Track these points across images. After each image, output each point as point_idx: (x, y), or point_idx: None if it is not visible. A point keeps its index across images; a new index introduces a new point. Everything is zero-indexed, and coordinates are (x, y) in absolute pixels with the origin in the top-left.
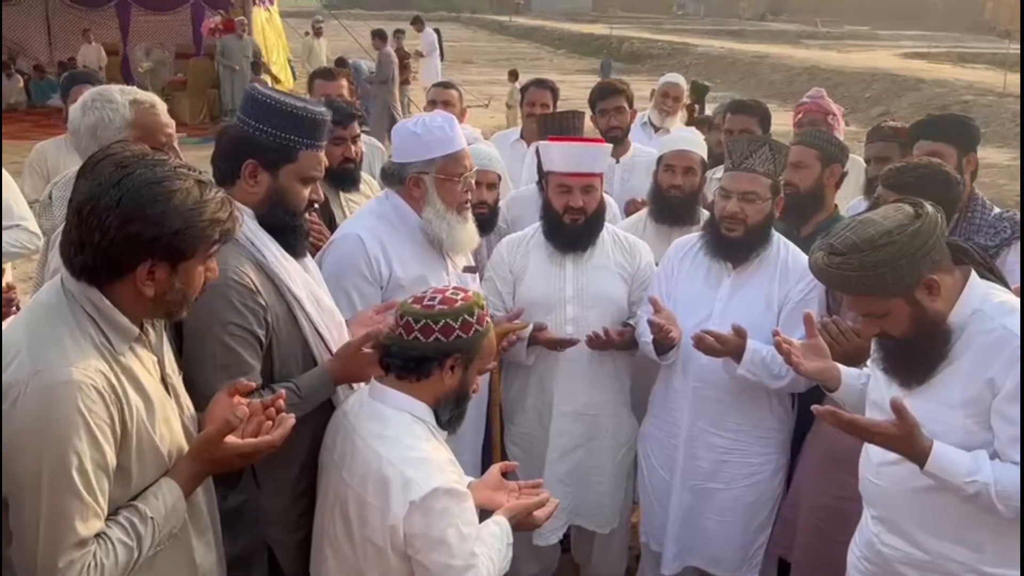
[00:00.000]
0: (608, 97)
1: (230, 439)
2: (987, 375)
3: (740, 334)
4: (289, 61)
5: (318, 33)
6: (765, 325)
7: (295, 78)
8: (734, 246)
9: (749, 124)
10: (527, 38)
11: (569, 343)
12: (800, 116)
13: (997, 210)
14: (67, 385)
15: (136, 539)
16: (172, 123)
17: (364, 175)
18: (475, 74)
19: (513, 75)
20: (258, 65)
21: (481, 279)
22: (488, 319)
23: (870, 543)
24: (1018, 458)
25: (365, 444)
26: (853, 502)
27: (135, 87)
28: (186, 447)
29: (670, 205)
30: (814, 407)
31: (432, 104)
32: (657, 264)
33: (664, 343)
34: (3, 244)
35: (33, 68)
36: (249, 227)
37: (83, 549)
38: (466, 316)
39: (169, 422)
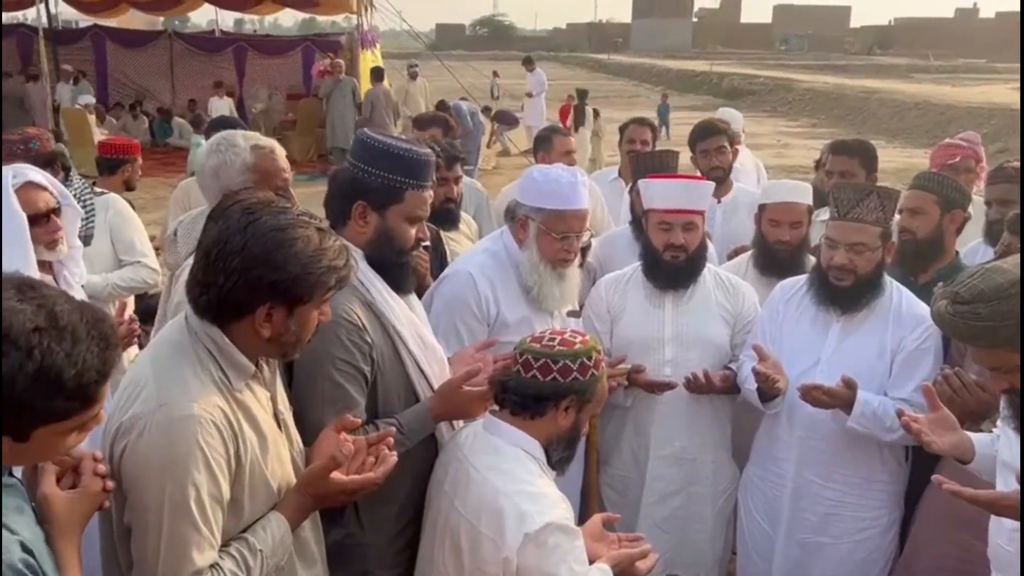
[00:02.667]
0: (709, 137)
1: (336, 475)
2: None
3: (850, 386)
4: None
5: (413, 77)
6: (877, 375)
7: (397, 118)
8: (843, 295)
9: (850, 166)
10: (625, 75)
11: (667, 386)
12: (957, 160)
13: None
14: (189, 420)
15: (246, 570)
16: (288, 168)
17: (463, 214)
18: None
19: (589, 108)
20: (361, 106)
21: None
22: (604, 364)
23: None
24: None
25: (480, 476)
26: (978, 567)
27: (257, 133)
28: (295, 481)
29: (775, 258)
30: (934, 477)
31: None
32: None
33: (769, 392)
34: (124, 279)
35: (157, 110)
36: (359, 267)
37: None
38: (584, 359)
39: (280, 457)
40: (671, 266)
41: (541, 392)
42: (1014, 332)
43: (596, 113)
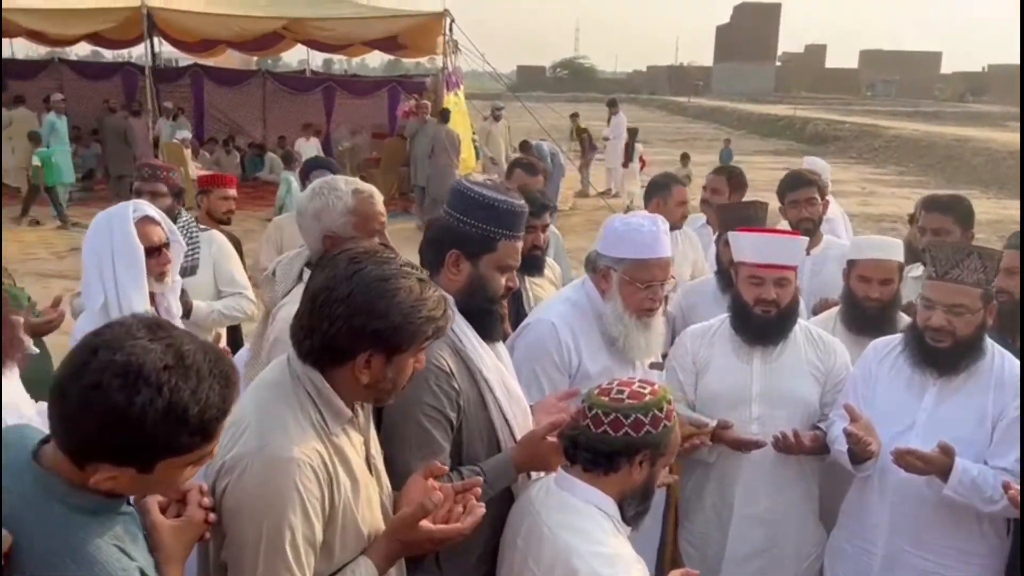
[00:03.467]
0: (799, 188)
1: (424, 523)
2: None
3: (947, 452)
4: (474, 141)
5: (497, 118)
6: (976, 442)
7: (478, 158)
8: (941, 357)
9: (944, 223)
10: (706, 118)
11: (755, 445)
12: None
13: None
14: (288, 462)
15: None
16: (384, 212)
17: (548, 260)
18: (651, 154)
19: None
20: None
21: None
22: (675, 414)
23: None
24: None
25: (553, 534)
26: None
27: (356, 178)
28: (383, 526)
29: (865, 315)
30: None
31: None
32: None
33: (861, 455)
34: (227, 308)
35: (250, 145)
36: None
37: None
38: (655, 411)
39: (371, 501)
40: (761, 321)
41: (613, 448)
42: None
43: (684, 158)
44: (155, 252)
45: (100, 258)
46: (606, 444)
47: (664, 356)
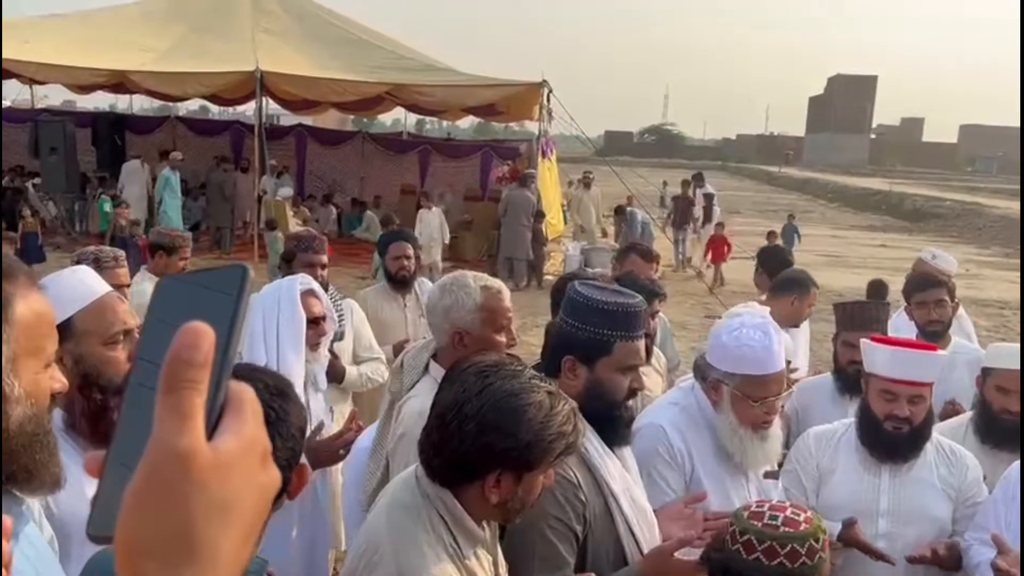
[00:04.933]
0: (928, 289)
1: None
2: None
3: None
4: (563, 206)
5: (587, 185)
6: None
7: (566, 222)
8: None
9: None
10: (797, 189)
11: (884, 559)
12: None
13: None
14: None
15: None
16: (511, 308)
17: (655, 349)
18: (740, 224)
19: (772, 235)
20: (540, 214)
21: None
22: (828, 545)
23: None
24: None
25: None
26: None
27: (485, 274)
28: None
29: (1001, 428)
30: None
31: None
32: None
33: None
34: (373, 371)
35: (352, 200)
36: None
37: None
38: (812, 542)
39: None
40: (892, 437)
41: None
42: None
43: (771, 235)
44: (314, 323)
45: (266, 322)
46: (759, 572)
47: (780, 464)
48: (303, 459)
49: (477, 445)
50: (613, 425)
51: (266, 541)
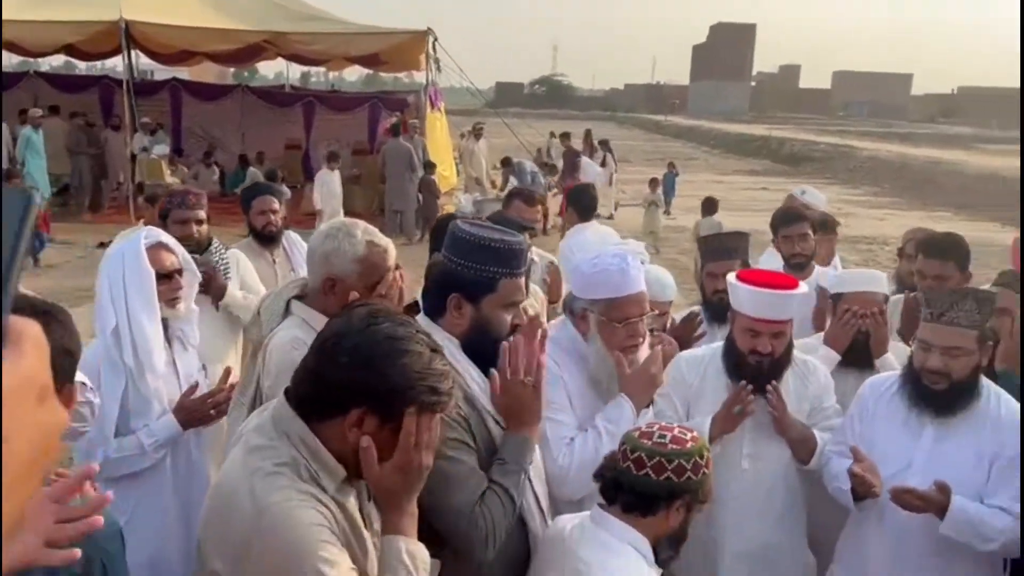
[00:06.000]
0: (792, 224)
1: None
2: None
3: (943, 491)
4: (455, 159)
5: (478, 136)
6: (974, 482)
7: (459, 174)
8: (937, 398)
9: (945, 269)
10: (682, 137)
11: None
12: None
13: None
14: (296, 512)
15: None
16: (393, 268)
17: (532, 286)
18: (630, 172)
19: (655, 183)
20: (430, 165)
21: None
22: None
23: None
24: None
25: (590, 572)
26: None
27: (376, 228)
28: None
29: (853, 349)
30: None
31: None
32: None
33: (865, 495)
34: (252, 298)
35: (240, 157)
36: (455, 356)
37: None
38: (697, 458)
39: (371, 558)
40: (754, 370)
41: (654, 491)
42: None
43: (653, 183)
44: (166, 279)
45: (112, 283)
46: (647, 487)
47: None
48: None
49: (346, 377)
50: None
51: (136, 506)
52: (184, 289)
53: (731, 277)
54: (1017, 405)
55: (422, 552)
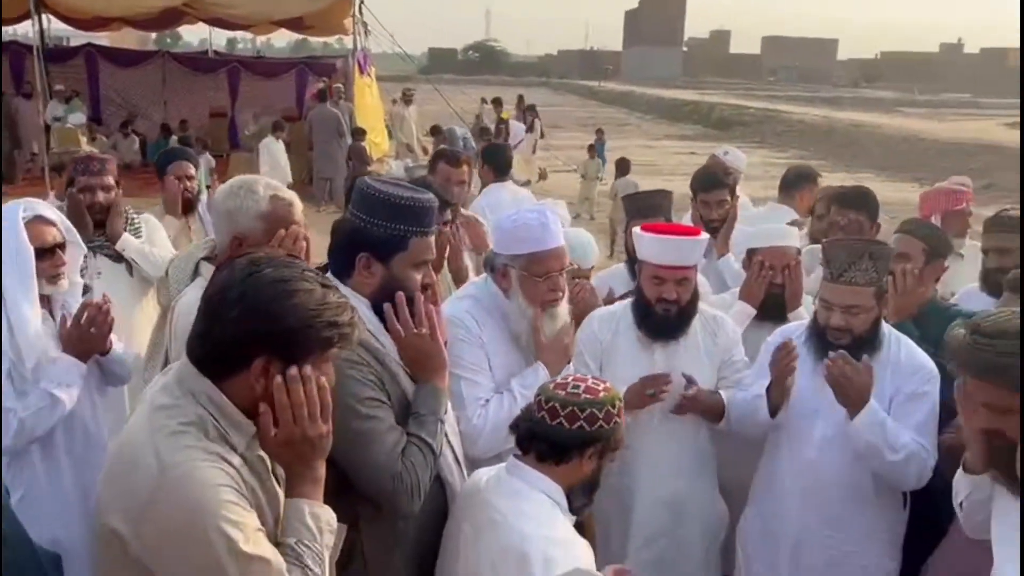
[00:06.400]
0: (711, 190)
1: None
2: None
3: (864, 390)
4: (387, 125)
5: (408, 101)
6: None
7: (390, 142)
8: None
9: (858, 218)
10: (616, 103)
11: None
12: (963, 207)
13: None
14: (198, 471)
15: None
16: (303, 222)
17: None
18: (563, 139)
19: (592, 149)
20: (360, 132)
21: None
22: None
23: None
24: None
25: (504, 520)
26: None
27: (279, 183)
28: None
29: (768, 303)
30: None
31: None
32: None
33: (786, 373)
34: (154, 251)
35: (162, 126)
36: (365, 316)
37: None
38: (609, 407)
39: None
40: (662, 319)
41: (567, 440)
42: (1019, 375)
43: (591, 149)
44: (47, 254)
45: None
46: (560, 436)
47: None
48: None
49: (240, 330)
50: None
51: (31, 484)
52: (67, 264)
53: (636, 229)
54: (916, 348)
55: (327, 514)
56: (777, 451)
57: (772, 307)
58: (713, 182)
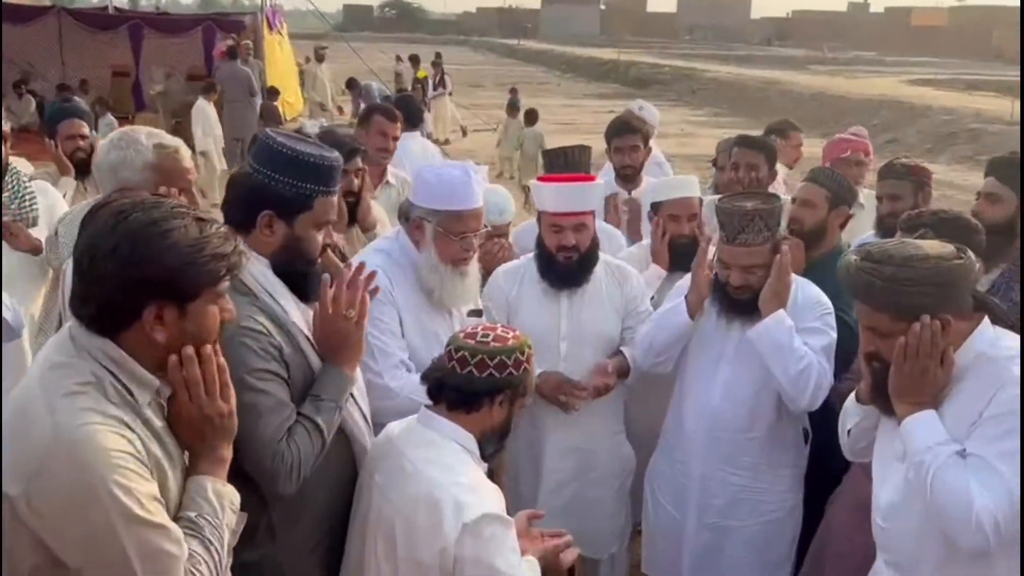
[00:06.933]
0: (624, 135)
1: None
2: (978, 410)
3: (780, 294)
4: (302, 84)
5: (320, 59)
6: None
7: (304, 101)
8: (743, 307)
9: (757, 159)
10: (535, 62)
11: (563, 405)
12: (847, 154)
13: None
14: (93, 435)
15: (203, 537)
16: (193, 169)
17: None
18: (483, 98)
19: (512, 107)
20: (272, 91)
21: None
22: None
23: None
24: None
25: (416, 468)
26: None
27: (162, 131)
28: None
29: (679, 252)
30: None
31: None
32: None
33: (703, 273)
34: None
35: (58, 87)
36: (265, 277)
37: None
38: (518, 354)
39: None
40: (564, 267)
41: (477, 388)
42: (903, 300)
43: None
44: None
45: None
46: (471, 384)
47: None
48: None
49: (121, 282)
50: (308, 281)
51: None
52: None
53: (533, 182)
54: (812, 287)
55: (229, 492)
56: (682, 396)
57: (682, 257)
58: (625, 128)
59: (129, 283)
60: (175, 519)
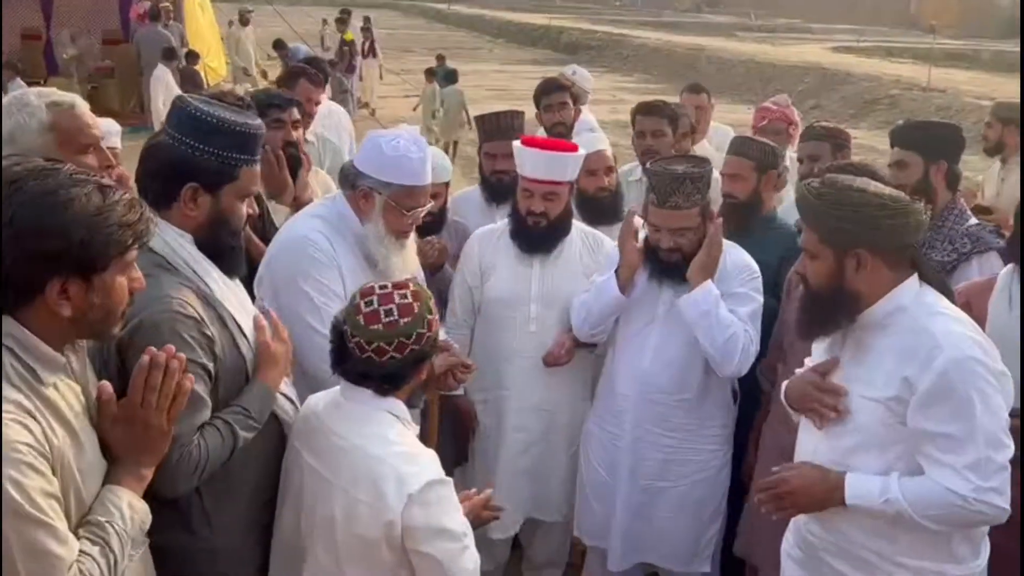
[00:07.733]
0: (552, 93)
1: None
2: (904, 373)
3: (707, 269)
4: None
5: (244, 23)
6: None
7: (228, 66)
8: (673, 269)
9: (660, 125)
10: (466, 27)
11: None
12: (765, 123)
13: (973, 221)
14: None
15: (106, 546)
16: (96, 122)
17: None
18: (413, 63)
19: (431, 73)
20: (193, 55)
21: (436, 271)
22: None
23: (798, 531)
24: (944, 462)
25: (349, 444)
26: None
27: (54, 89)
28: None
29: (602, 207)
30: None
31: None
32: None
33: (628, 246)
34: None
35: None
36: (190, 254)
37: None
38: (427, 314)
39: (98, 454)
40: (533, 231)
41: (404, 366)
42: (830, 222)
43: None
44: None
45: None
46: (395, 367)
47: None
48: None
49: (20, 256)
50: (234, 254)
51: None
52: None
53: (516, 143)
54: (741, 252)
55: (143, 510)
56: (614, 360)
57: (607, 212)
58: (553, 85)
59: (28, 258)
60: (83, 521)
